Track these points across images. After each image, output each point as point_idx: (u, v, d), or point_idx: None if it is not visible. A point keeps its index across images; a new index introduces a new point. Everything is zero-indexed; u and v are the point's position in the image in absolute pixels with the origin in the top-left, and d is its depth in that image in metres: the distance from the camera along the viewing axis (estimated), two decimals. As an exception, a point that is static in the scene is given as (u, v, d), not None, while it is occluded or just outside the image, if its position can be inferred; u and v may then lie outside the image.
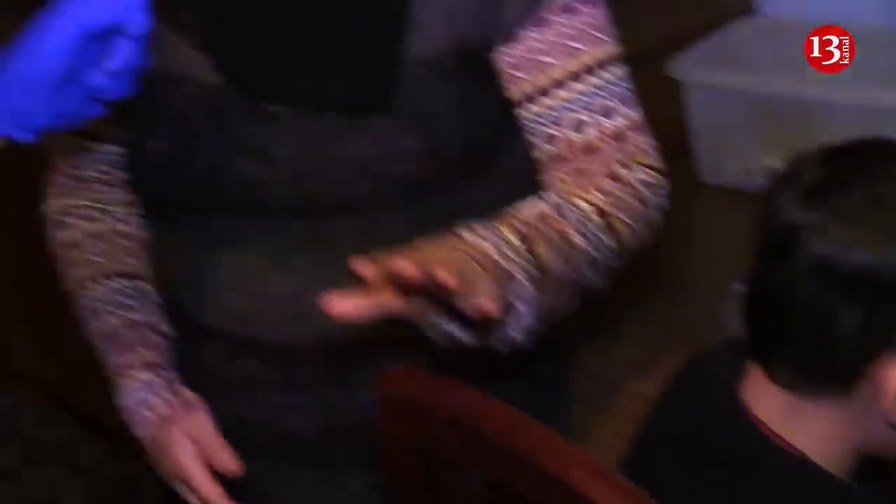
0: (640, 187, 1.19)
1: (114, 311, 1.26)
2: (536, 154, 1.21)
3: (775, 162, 1.39)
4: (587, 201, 1.14)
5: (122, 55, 1.09)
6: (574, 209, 1.12)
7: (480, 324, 0.96)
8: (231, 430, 1.19)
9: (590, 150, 1.19)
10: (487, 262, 0.97)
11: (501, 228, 1.02)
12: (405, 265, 0.86)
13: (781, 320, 0.98)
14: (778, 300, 0.97)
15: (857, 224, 0.93)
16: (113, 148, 1.29)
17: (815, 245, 0.93)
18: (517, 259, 1.00)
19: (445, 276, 0.85)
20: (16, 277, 2.58)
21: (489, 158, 1.25)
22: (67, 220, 1.32)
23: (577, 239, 1.10)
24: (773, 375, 1.00)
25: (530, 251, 1.02)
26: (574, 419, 1.36)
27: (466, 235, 1.00)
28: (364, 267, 0.89)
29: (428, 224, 1.18)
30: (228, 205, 1.23)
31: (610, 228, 1.14)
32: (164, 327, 1.29)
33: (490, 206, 1.20)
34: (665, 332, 1.67)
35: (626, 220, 1.15)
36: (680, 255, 1.77)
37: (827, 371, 0.97)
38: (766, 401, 1.00)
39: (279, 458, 1.25)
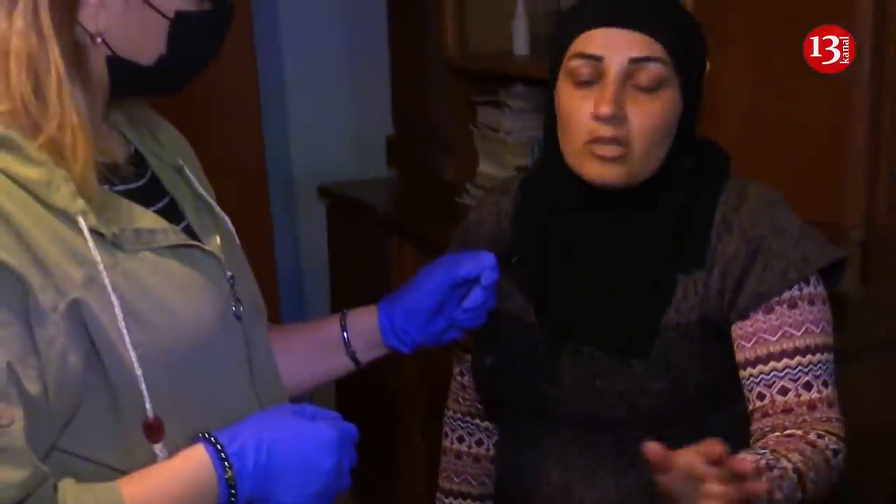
0: (829, 453, 1.32)
1: None
2: (749, 405, 1.39)
3: None
4: (788, 459, 1.28)
5: (476, 298, 1.35)
6: (782, 469, 1.26)
7: None
8: None
9: (787, 410, 1.36)
10: None
11: None
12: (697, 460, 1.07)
13: None
14: None
15: None
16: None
17: None
18: None
19: (718, 450, 1.06)
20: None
21: (720, 402, 1.44)
22: (449, 430, 1.64)
23: (778, 494, 1.24)
24: None
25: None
26: None
27: None
28: (657, 454, 1.08)
29: (677, 446, 1.32)
30: (529, 411, 1.47)
31: (801, 484, 1.27)
32: None
33: (723, 440, 1.40)
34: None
35: (814, 478, 1.29)
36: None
37: None
38: None
39: None
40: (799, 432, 1.32)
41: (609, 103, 1.30)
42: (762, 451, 1.27)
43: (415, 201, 3.29)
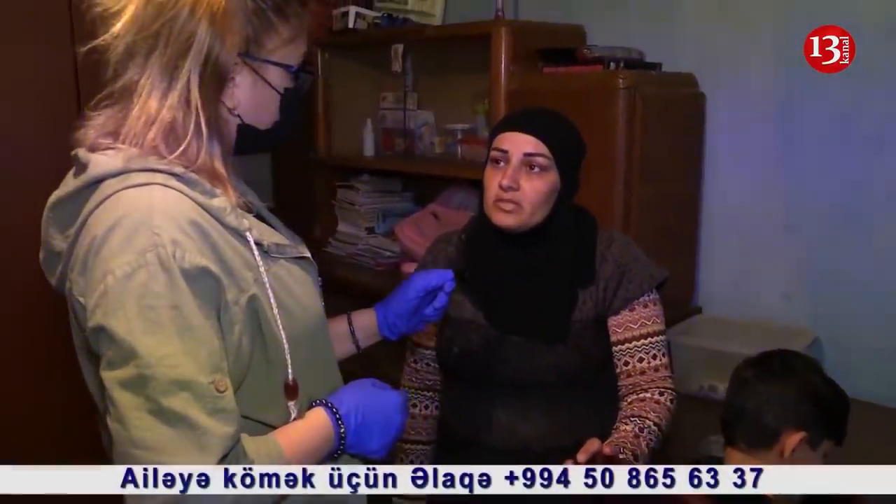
0: (669, 404, 1.67)
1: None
2: (617, 369, 1.72)
3: (713, 383, 2.00)
4: (651, 420, 1.60)
5: (440, 301, 1.57)
6: (648, 427, 1.59)
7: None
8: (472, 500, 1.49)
9: (643, 372, 1.70)
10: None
11: (628, 448, 1.54)
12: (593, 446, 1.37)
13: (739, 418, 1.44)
14: (739, 409, 1.45)
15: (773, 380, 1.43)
16: (430, 353, 1.93)
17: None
18: (628, 457, 1.52)
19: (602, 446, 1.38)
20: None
21: (606, 368, 1.76)
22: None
23: (646, 446, 1.58)
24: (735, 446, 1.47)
25: (634, 455, 1.53)
26: None
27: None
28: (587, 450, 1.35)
29: (582, 396, 1.75)
30: (486, 381, 1.76)
31: (660, 431, 1.62)
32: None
33: (606, 391, 1.77)
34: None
35: (664, 424, 1.63)
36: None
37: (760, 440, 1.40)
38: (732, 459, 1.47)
39: None
40: (648, 395, 1.69)
41: (507, 178, 1.67)
42: (633, 419, 1.62)
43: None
